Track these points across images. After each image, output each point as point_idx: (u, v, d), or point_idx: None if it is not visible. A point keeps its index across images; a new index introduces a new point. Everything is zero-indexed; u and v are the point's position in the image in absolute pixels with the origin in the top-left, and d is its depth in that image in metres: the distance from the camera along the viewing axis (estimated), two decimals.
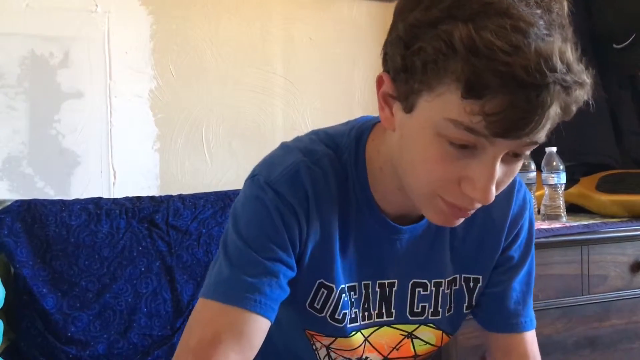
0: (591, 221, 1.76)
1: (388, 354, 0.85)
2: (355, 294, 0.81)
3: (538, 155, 1.83)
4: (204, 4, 1.92)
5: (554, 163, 1.77)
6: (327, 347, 0.83)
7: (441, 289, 0.84)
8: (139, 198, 1.64)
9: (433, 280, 0.83)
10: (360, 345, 0.83)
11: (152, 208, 1.62)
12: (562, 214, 1.76)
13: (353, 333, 0.82)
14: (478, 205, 0.68)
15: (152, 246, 1.59)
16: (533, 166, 1.79)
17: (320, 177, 0.75)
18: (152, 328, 1.55)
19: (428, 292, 0.83)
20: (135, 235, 1.58)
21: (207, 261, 1.61)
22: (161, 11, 1.87)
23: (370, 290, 0.82)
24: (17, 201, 1.55)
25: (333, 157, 0.77)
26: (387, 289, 0.82)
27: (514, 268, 0.86)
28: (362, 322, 0.82)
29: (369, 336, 0.83)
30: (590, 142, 2.11)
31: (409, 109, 0.65)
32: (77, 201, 1.59)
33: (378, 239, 0.79)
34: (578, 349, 1.66)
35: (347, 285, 0.80)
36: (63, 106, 1.76)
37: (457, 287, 0.85)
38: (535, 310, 0.91)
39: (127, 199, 1.63)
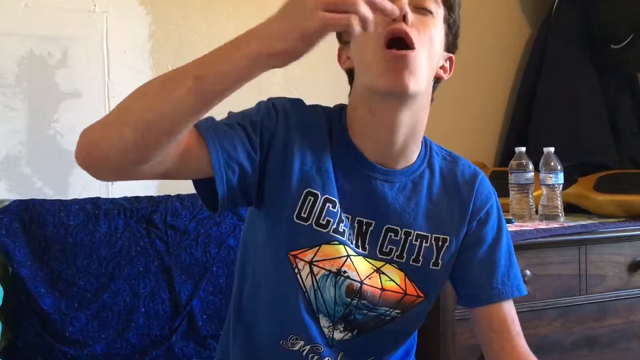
0: (589, 221, 1.76)
1: (363, 280, 0.97)
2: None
3: (536, 156, 1.83)
4: (203, 4, 1.93)
5: (552, 163, 1.77)
6: (310, 263, 0.94)
7: (410, 238, 0.98)
8: (137, 198, 1.64)
9: (404, 229, 0.98)
10: (343, 257, 0.95)
11: (151, 208, 1.62)
12: (560, 214, 1.77)
13: (336, 242, 0.94)
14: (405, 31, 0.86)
15: (151, 246, 1.58)
16: (531, 166, 1.79)
17: (312, 112, 0.97)
18: (150, 328, 1.54)
19: (398, 238, 0.98)
20: (133, 235, 1.58)
21: (205, 261, 1.61)
22: (159, 11, 1.87)
23: (350, 223, 0.96)
24: (15, 201, 1.55)
25: (324, 111, 0.99)
26: (365, 227, 0.97)
27: (492, 245, 1.03)
28: (345, 239, 0.95)
29: (350, 255, 0.96)
30: (588, 142, 2.12)
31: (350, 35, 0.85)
32: (75, 201, 1.58)
33: (357, 174, 0.96)
34: (576, 348, 1.66)
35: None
36: (61, 106, 1.75)
37: (428, 244, 0.99)
38: (533, 310, 0.93)
39: (125, 198, 1.63)
